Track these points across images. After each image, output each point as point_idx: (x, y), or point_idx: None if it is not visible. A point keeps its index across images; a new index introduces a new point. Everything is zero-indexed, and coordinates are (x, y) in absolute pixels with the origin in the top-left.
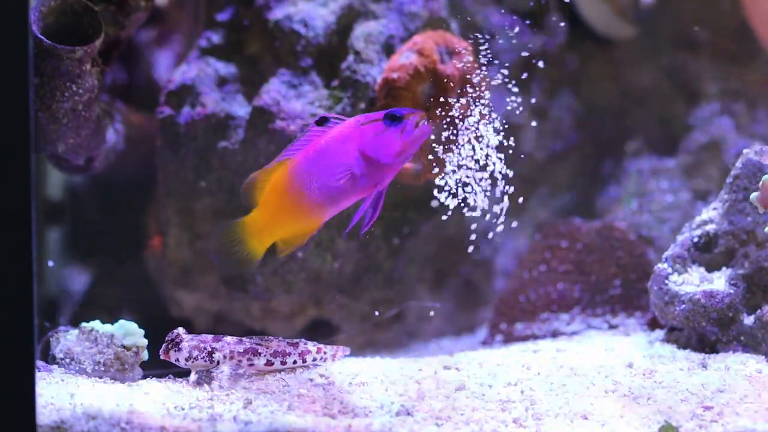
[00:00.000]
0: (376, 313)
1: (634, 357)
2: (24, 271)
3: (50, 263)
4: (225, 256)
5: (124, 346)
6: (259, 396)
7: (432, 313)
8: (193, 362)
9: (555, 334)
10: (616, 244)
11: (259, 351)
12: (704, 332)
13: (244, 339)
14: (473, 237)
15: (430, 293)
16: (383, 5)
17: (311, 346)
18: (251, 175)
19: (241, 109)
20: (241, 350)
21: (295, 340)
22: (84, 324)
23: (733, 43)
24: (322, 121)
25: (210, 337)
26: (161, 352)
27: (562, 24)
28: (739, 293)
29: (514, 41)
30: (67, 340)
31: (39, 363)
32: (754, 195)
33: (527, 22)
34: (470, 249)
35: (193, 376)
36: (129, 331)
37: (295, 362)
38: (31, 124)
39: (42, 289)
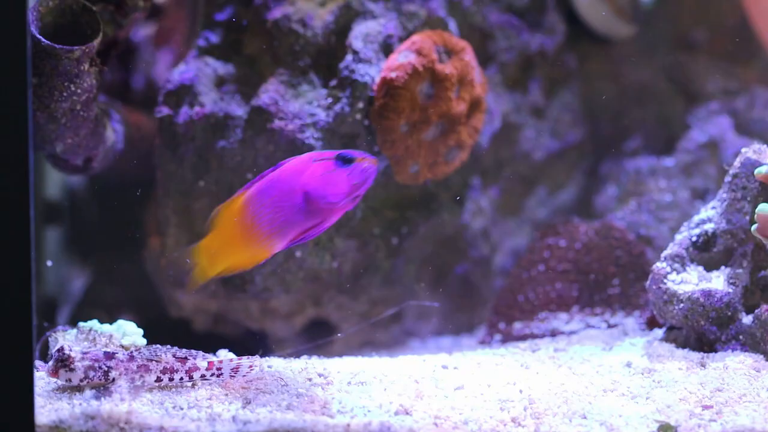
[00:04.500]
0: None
1: (632, 356)
2: (23, 271)
3: (49, 263)
4: (178, 275)
5: (122, 346)
6: (257, 396)
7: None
8: (88, 382)
9: (554, 334)
10: (614, 244)
11: (150, 368)
12: (703, 331)
13: (135, 355)
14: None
15: (428, 293)
16: (381, 5)
17: (201, 361)
18: (217, 207)
19: (239, 108)
20: (135, 367)
21: (187, 355)
22: (82, 324)
23: (731, 43)
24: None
25: (101, 354)
26: (49, 371)
27: (561, 23)
28: (738, 292)
29: (512, 40)
30: (66, 339)
31: (38, 362)
32: (754, 227)
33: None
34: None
35: (88, 392)
36: (127, 331)
37: (182, 379)
38: (30, 124)
39: (41, 288)
